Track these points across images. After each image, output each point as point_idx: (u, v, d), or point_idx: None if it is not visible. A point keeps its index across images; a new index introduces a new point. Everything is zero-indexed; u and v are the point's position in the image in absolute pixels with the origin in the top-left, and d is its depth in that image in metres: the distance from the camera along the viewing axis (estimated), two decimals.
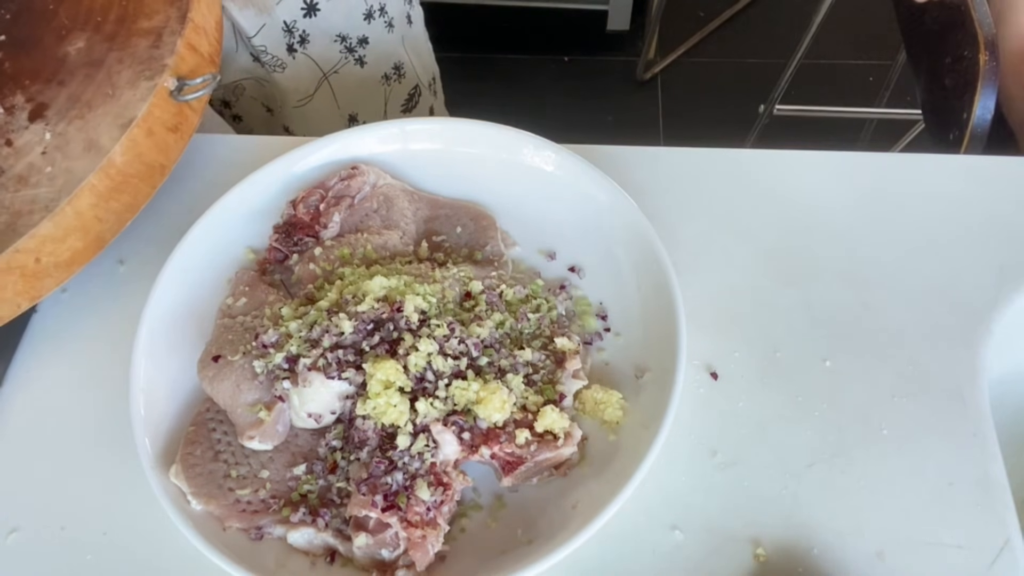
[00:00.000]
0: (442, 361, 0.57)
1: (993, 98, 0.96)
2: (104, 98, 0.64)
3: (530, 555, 0.52)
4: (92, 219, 0.62)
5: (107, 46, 0.67)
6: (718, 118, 1.98)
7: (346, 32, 0.97)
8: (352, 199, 0.69)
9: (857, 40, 2.18)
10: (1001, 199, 0.73)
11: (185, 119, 0.67)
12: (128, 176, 0.63)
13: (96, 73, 0.65)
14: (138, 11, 0.68)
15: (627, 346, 0.63)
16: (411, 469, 0.54)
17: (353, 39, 0.98)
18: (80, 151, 0.61)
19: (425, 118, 0.75)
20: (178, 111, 0.66)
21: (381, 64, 1.03)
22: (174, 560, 0.56)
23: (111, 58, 0.66)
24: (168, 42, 0.66)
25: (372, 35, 1.00)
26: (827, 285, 0.68)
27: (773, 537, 0.57)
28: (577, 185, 0.69)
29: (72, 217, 0.60)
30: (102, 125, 0.63)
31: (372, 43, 1.00)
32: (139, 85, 0.64)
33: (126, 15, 0.68)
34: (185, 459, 0.56)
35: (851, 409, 0.62)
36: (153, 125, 0.64)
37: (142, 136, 0.63)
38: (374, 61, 1.02)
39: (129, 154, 0.63)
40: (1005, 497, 0.58)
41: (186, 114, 0.67)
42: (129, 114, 0.63)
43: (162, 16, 0.68)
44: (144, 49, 0.66)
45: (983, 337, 0.65)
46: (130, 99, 0.64)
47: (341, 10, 0.95)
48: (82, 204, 0.61)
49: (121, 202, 0.63)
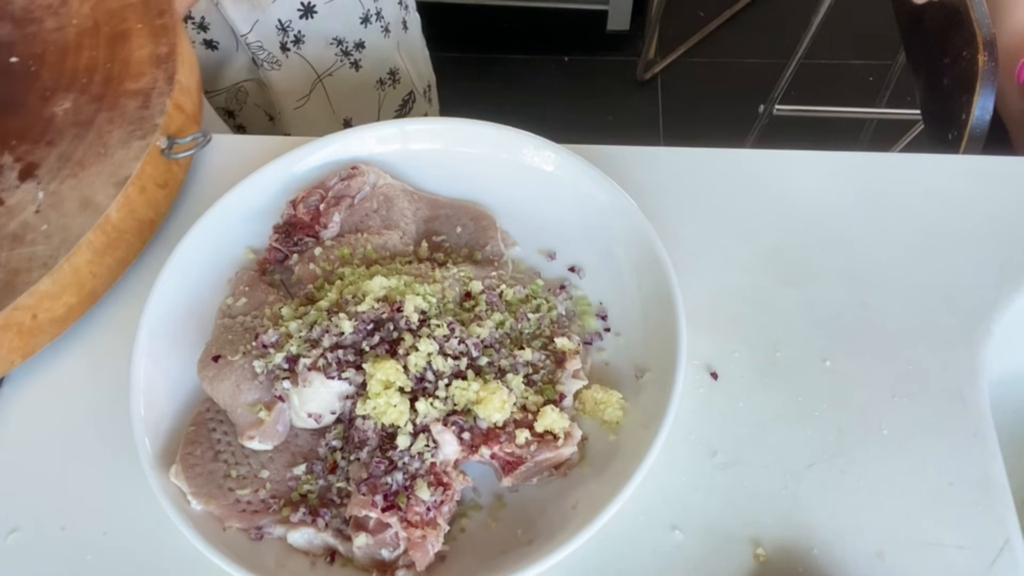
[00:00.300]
0: (442, 361, 0.57)
1: (992, 98, 0.96)
2: (96, 157, 0.65)
3: (530, 555, 0.52)
4: (87, 275, 0.63)
5: (95, 107, 0.68)
6: (718, 118, 1.98)
7: (342, 35, 0.97)
8: (352, 199, 0.69)
9: (857, 40, 2.18)
10: (1001, 199, 0.73)
11: (173, 176, 0.70)
12: (122, 232, 0.65)
13: (86, 133, 0.67)
14: (124, 73, 0.70)
15: (627, 346, 0.63)
16: (411, 469, 0.54)
17: (349, 43, 0.98)
18: (75, 209, 0.63)
19: (425, 118, 0.75)
20: (167, 168, 0.69)
21: (376, 69, 1.03)
22: (174, 560, 0.56)
23: (100, 118, 0.68)
24: (157, 102, 0.68)
25: (368, 39, 1.00)
26: (827, 285, 0.68)
27: (773, 537, 0.57)
28: (577, 185, 0.69)
29: (69, 273, 0.62)
30: (96, 183, 0.64)
31: (368, 47, 1.00)
32: (131, 144, 0.66)
33: (112, 77, 0.70)
34: (185, 459, 0.56)
35: (851, 409, 0.62)
36: (145, 182, 0.66)
37: (136, 193, 0.65)
38: (369, 66, 1.02)
39: (124, 211, 0.65)
40: (1005, 497, 0.58)
41: (174, 171, 0.70)
42: (123, 172, 0.65)
43: (149, 78, 0.70)
44: (134, 109, 0.68)
45: (983, 337, 0.65)
46: (123, 158, 0.66)
47: (338, 14, 0.95)
48: (79, 260, 0.62)
49: (115, 257, 0.65)
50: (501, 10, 2.33)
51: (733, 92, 2.09)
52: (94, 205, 0.63)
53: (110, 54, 0.71)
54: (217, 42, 0.92)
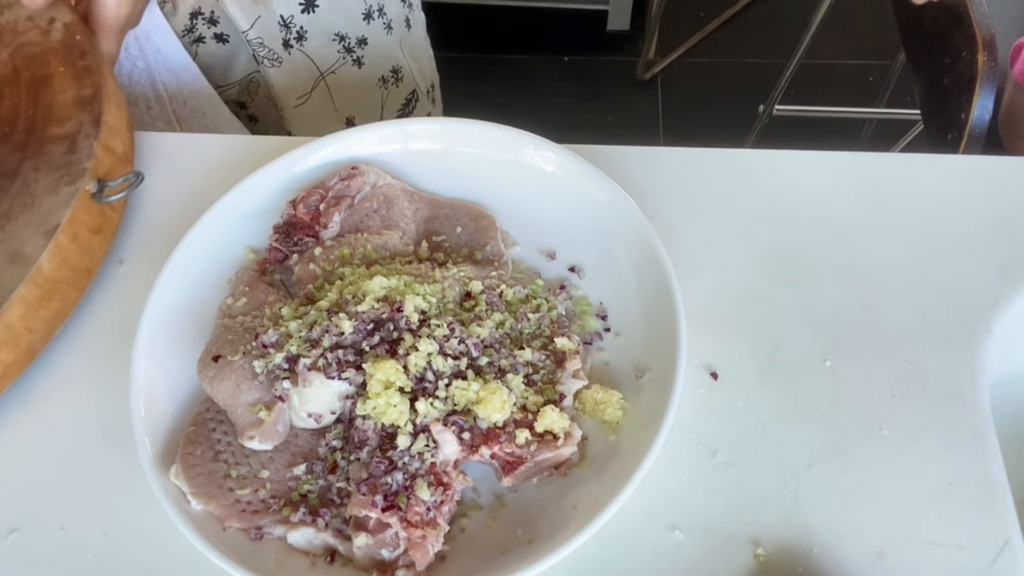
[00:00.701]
0: (442, 361, 0.57)
1: (991, 98, 0.97)
2: (23, 207, 0.63)
3: (530, 555, 0.52)
4: (23, 330, 0.61)
5: (19, 156, 0.66)
6: (718, 118, 1.99)
7: (345, 31, 0.97)
8: (352, 199, 0.69)
9: (857, 40, 2.18)
10: (1001, 199, 0.73)
11: (107, 220, 0.67)
12: (56, 283, 0.63)
13: (11, 183, 0.65)
14: (48, 119, 0.68)
15: (627, 346, 0.63)
16: (411, 469, 0.54)
17: (352, 39, 0.98)
18: (4, 263, 0.61)
19: (425, 118, 0.75)
20: (100, 213, 0.66)
21: (379, 66, 1.02)
22: (174, 560, 0.56)
23: (25, 167, 0.65)
24: (84, 146, 0.66)
25: (371, 36, 0.99)
26: (827, 285, 0.68)
27: (773, 537, 0.57)
28: (577, 185, 0.69)
29: (3, 331, 0.60)
30: (25, 234, 0.62)
31: (371, 44, 1.00)
32: (59, 191, 0.64)
33: (35, 124, 0.68)
34: (185, 459, 0.56)
35: (851, 409, 0.62)
36: (77, 229, 0.64)
37: (67, 241, 0.63)
38: (372, 63, 1.01)
39: (56, 260, 0.62)
40: (1005, 497, 0.58)
41: (108, 215, 0.67)
42: (52, 221, 0.63)
43: (74, 121, 0.67)
44: (60, 155, 0.66)
45: (983, 337, 0.65)
46: (51, 206, 0.63)
47: (340, 8, 0.95)
48: (12, 316, 0.60)
49: (50, 310, 0.63)
50: (501, 10, 2.33)
51: (733, 92, 2.09)
52: (23, 257, 0.61)
53: (32, 100, 0.69)
54: (227, 35, 0.92)
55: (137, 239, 0.71)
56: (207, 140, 0.79)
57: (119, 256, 0.71)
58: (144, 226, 0.72)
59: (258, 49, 0.92)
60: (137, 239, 0.71)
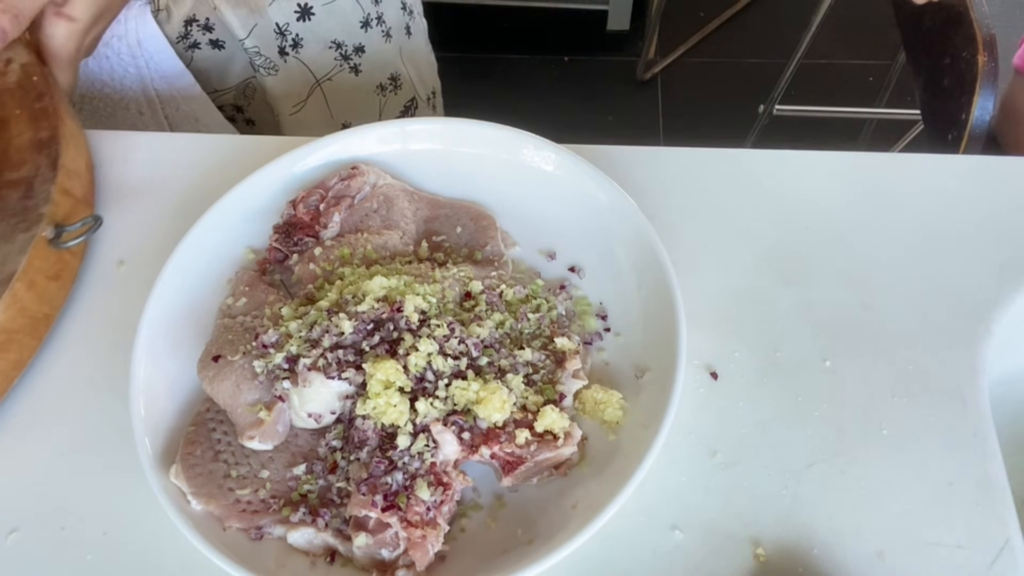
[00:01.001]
0: (442, 361, 0.57)
1: (992, 99, 0.97)
2: None
3: (530, 555, 0.52)
4: None
5: None
6: (718, 118, 1.99)
7: (341, 39, 0.96)
8: (352, 199, 0.69)
9: (857, 40, 2.18)
10: (1001, 199, 0.73)
11: (66, 265, 0.66)
12: (12, 332, 0.61)
13: None
14: (3, 163, 0.66)
15: (627, 346, 0.63)
16: (411, 469, 0.54)
17: (349, 47, 0.98)
18: None
19: (425, 118, 0.75)
20: (58, 259, 0.64)
21: (376, 74, 1.02)
22: (174, 560, 0.56)
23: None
24: (41, 191, 0.64)
25: (369, 44, 0.99)
26: (827, 285, 0.68)
27: (773, 537, 0.57)
28: (577, 185, 0.69)
29: None
30: None
31: (368, 52, 0.99)
32: (15, 238, 0.62)
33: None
34: (185, 459, 0.56)
35: (851, 409, 0.62)
36: (34, 277, 0.62)
37: (24, 290, 0.61)
38: (369, 70, 1.01)
39: (12, 310, 0.61)
40: (1005, 497, 0.58)
41: (67, 260, 0.66)
42: (8, 269, 0.61)
43: (30, 165, 0.65)
44: (16, 201, 0.64)
45: (983, 337, 0.65)
46: (7, 253, 0.62)
47: (337, 16, 0.95)
48: None
49: (7, 360, 0.62)
50: (501, 10, 2.33)
51: (733, 92, 2.10)
52: None
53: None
54: (223, 42, 0.91)
55: (137, 239, 0.71)
56: (207, 141, 0.79)
57: (119, 256, 0.71)
58: (144, 226, 0.72)
59: (254, 57, 0.92)
60: (137, 239, 0.71)
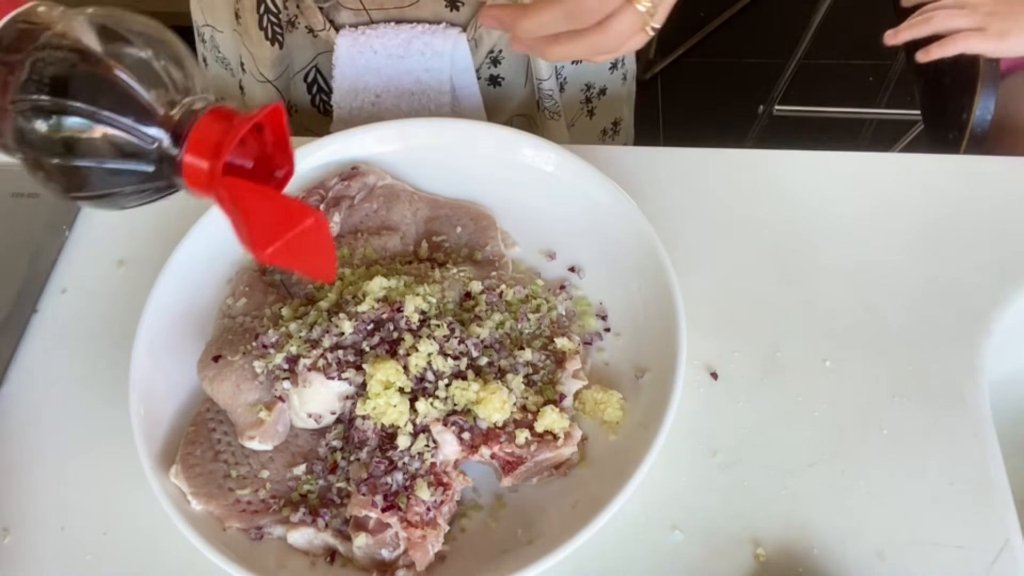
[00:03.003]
0: (442, 361, 0.57)
1: (993, 98, 0.96)
2: None
3: (530, 555, 0.52)
4: None
5: None
6: (718, 118, 1.98)
7: (593, 80, 0.91)
8: (352, 199, 0.69)
9: (857, 40, 2.18)
10: (1001, 199, 0.73)
11: None
12: None
13: None
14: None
15: (627, 346, 0.63)
16: (411, 469, 0.54)
17: (596, 88, 0.92)
18: None
19: (425, 118, 0.75)
20: None
21: (603, 118, 0.96)
22: (174, 560, 0.56)
23: None
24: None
25: (611, 87, 0.93)
26: (827, 285, 0.68)
27: (773, 537, 0.57)
28: (577, 185, 0.69)
29: None
30: None
31: (608, 95, 0.94)
32: None
33: None
34: (185, 459, 0.56)
35: (851, 409, 0.62)
36: None
37: None
38: (600, 114, 0.95)
39: None
40: (1005, 497, 0.58)
41: None
42: None
43: None
44: None
45: (983, 337, 0.65)
46: None
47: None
48: None
49: None
50: None
51: (733, 92, 2.09)
52: None
53: None
54: (502, 79, 0.86)
55: (137, 239, 0.71)
56: None
57: (119, 256, 0.71)
58: (144, 226, 0.72)
59: (546, 99, 0.86)
60: (137, 239, 0.71)
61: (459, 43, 0.79)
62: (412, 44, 0.78)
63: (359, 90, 0.82)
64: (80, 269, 0.70)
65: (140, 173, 0.40)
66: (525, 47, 0.58)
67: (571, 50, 0.56)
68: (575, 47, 0.56)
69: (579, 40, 0.55)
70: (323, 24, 0.79)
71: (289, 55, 0.82)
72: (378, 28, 0.78)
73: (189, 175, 0.41)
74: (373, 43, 0.78)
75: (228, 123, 0.40)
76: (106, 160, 0.39)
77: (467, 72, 0.81)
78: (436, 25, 0.78)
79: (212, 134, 0.40)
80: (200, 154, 0.40)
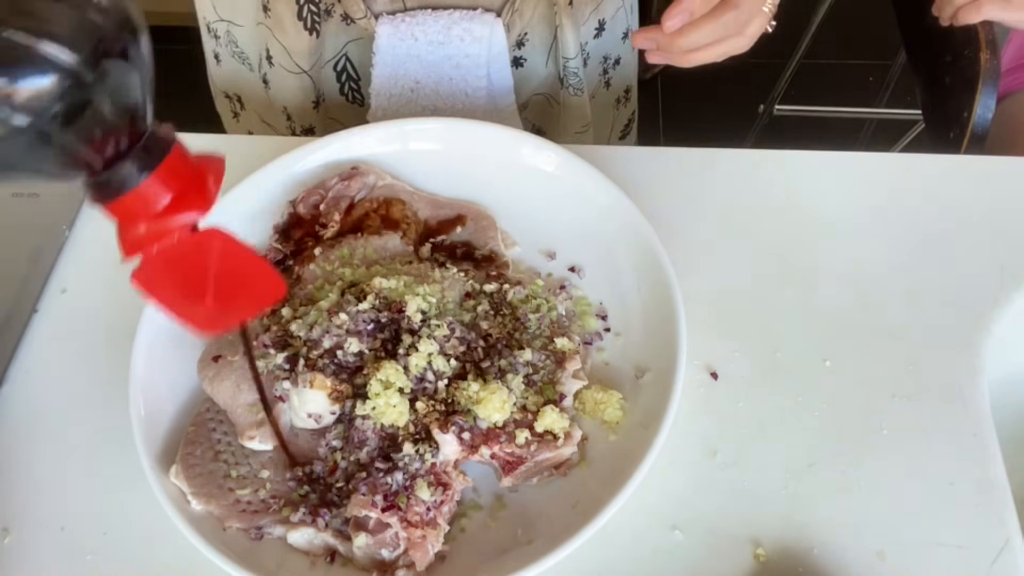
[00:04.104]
0: (442, 361, 0.57)
1: (994, 97, 0.96)
2: None
3: (530, 555, 0.52)
4: None
5: None
6: (718, 118, 1.98)
7: (610, 52, 0.92)
8: (352, 199, 0.69)
9: (857, 40, 2.18)
10: (1001, 199, 0.73)
11: None
12: None
13: None
14: None
15: (627, 346, 0.63)
16: (411, 469, 0.54)
17: (612, 59, 0.93)
18: None
19: (425, 118, 0.75)
20: None
21: (618, 86, 0.97)
22: (174, 560, 0.56)
23: None
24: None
25: (624, 56, 0.94)
26: (827, 285, 0.68)
27: (773, 537, 0.57)
28: (577, 185, 0.69)
29: None
30: None
31: (622, 64, 0.95)
32: None
33: None
34: (185, 459, 0.56)
35: (851, 409, 0.62)
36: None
37: None
38: (616, 84, 0.96)
39: None
40: (1005, 497, 0.58)
41: None
42: None
43: None
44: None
45: (983, 337, 0.65)
46: None
47: (615, 29, 0.90)
48: None
49: None
50: None
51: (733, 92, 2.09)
52: None
53: None
54: (525, 59, 0.86)
55: None
56: (207, 141, 0.79)
57: (119, 257, 0.70)
58: None
59: (571, 77, 0.87)
60: None
61: (495, 28, 0.79)
62: (452, 30, 0.79)
63: (399, 77, 0.82)
64: (80, 269, 0.70)
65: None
66: (666, 59, 0.63)
67: (710, 55, 0.62)
68: (715, 51, 0.61)
69: (720, 45, 0.60)
70: (363, 12, 0.79)
71: (322, 44, 0.82)
72: (416, 15, 0.78)
73: (115, 210, 0.39)
74: (414, 30, 0.79)
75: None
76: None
77: (501, 55, 0.82)
78: (473, 11, 0.79)
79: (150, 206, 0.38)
80: (134, 216, 0.39)
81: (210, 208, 0.40)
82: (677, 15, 0.59)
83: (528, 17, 0.82)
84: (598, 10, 0.86)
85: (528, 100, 0.90)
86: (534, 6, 0.81)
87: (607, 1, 0.86)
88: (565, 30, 0.83)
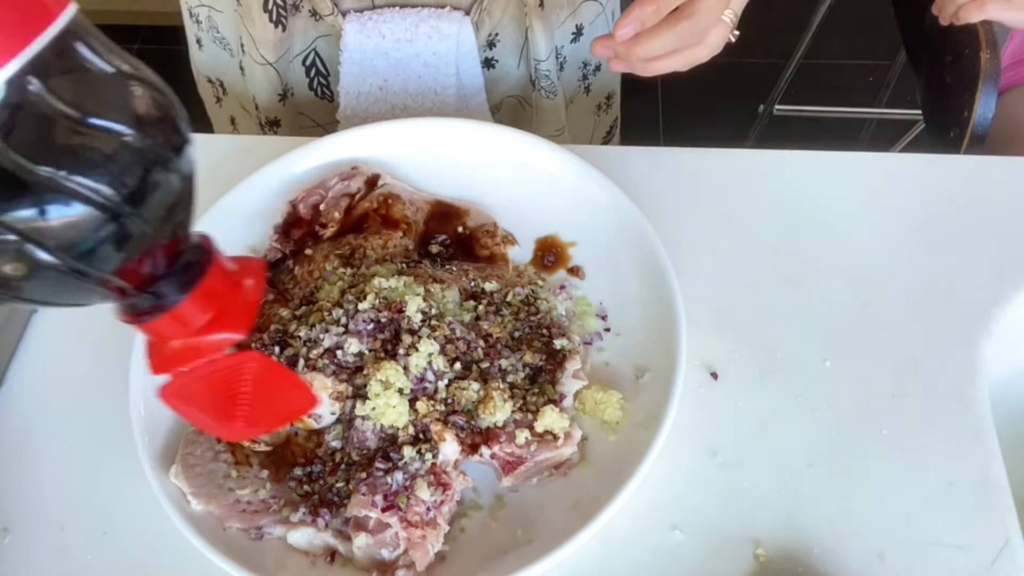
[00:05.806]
0: (442, 361, 0.57)
1: (994, 96, 0.96)
2: None
3: (530, 555, 0.52)
4: None
5: None
6: (718, 118, 1.98)
7: (589, 58, 0.92)
8: (352, 199, 0.69)
9: (857, 40, 2.18)
10: (1001, 199, 0.73)
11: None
12: None
13: None
14: None
15: (627, 346, 0.63)
16: (411, 469, 0.54)
17: (591, 66, 0.93)
18: None
19: (425, 118, 0.75)
20: None
21: (599, 93, 0.97)
22: (174, 560, 0.56)
23: None
24: None
25: (604, 61, 0.92)
26: (827, 285, 0.68)
27: (773, 537, 0.57)
28: (577, 185, 0.69)
29: None
30: None
31: (603, 70, 0.94)
32: None
33: None
34: (185, 459, 0.56)
35: (851, 409, 0.62)
36: None
37: None
38: (596, 90, 0.96)
39: None
40: (1005, 497, 0.58)
41: None
42: None
43: None
44: None
45: (983, 337, 0.65)
46: None
47: (596, 33, 0.89)
48: None
49: None
50: None
51: (733, 92, 2.09)
52: None
53: None
54: (496, 61, 0.86)
55: None
56: (207, 140, 0.79)
57: None
58: None
59: (543, 79, 0.86)
60: None
61: (464, 26, 0.79)
62: (419, 28, 0.79)
63: (367, 74, 0.82)
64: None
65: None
66: (627, 67, 0.62)
67: (671, 65, 0.61)
68: (674, 61, 0.61)
69: (679, 55, 0.61)
70: (331, 9, 0.79)
71: (290, 38, 0.82)
72: (384, 12, 0.78)
73: (150, 330, 0.36)
74: (381, 28, 0.79)
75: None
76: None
77: (470, 54, 0.82)
78: (441, 9, 0.79)
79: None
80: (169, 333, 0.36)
81: (249, 330, 0.38)
82: (627, 24, 0.58)
83: (498, 17, 0.82)
84: (575, 15, 0.86)
85: (501, 102, 0.90)
86: (504, 6, 0.81)
87: (585, 6, 0.86)
88: (536, 32, 0.83)
